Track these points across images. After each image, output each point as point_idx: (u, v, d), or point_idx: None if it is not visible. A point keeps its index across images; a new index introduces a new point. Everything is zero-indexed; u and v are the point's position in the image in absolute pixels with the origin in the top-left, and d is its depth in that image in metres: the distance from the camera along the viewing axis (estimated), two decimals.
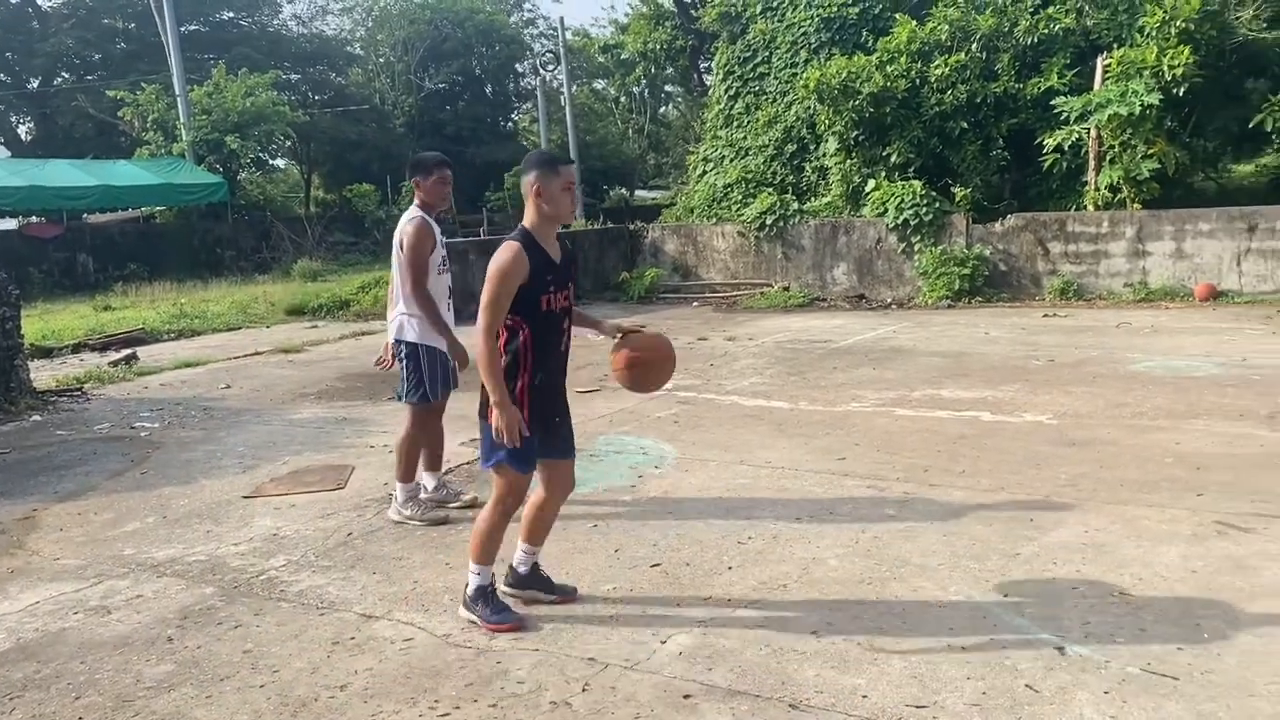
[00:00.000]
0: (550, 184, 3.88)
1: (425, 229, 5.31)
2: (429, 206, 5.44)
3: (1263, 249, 12.88)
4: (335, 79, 39.78)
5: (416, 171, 5.43)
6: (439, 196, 5.44)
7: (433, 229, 5.36)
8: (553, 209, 3.91)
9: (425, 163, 5.47)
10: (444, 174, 5.42)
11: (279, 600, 4.46)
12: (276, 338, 13.56)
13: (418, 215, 5.36)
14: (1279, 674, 3.37)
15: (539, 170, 3.90)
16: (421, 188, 5.41)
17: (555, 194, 3.90)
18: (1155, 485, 5.47)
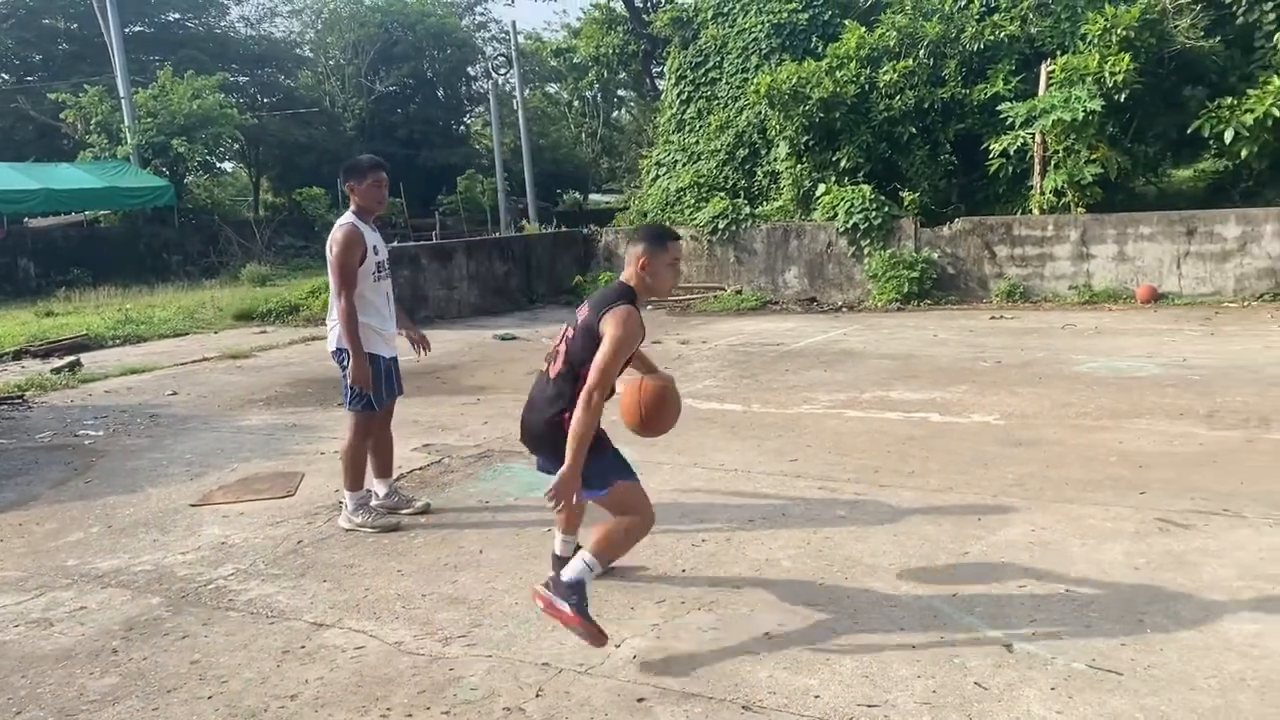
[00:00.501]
0: (657, 259, 3.94)
1: (355, 235, 5.22)
2: (365, 211, 5.35)
3: (1201, 252, 13.18)
4: (284, 81, 39.30)
5: (351, 176, 5.34)
6: (375, 200, 5.35)
7: (363, 235, 5.26)
8: (655, 283, 3.97)
9: (359, 166, 5.38)
10: (379, 177, 5.34)
11: (227, 610, 4.40)
12: (225, 343, 13.36)
13: (348, 222, 5.29)
14: (1219, 667, 3.45)
15: (648, 244, 3.94)
16: (356, 192, 5.32)
17: (660, 270, 3.95)
18: (1099, 484, 5.58)
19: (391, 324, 5.49)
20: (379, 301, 5.38)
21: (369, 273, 5.29)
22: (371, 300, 5.33)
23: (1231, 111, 13.05)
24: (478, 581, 4.56)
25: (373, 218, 5.41)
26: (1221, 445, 6.25)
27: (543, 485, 6.03)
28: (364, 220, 5.33)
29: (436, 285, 15.54)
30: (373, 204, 5.35)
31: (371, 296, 5.33)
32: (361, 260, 5.23)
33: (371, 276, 5.31)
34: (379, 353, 5.35)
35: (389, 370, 5.46)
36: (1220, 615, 3.85)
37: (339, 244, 5.20)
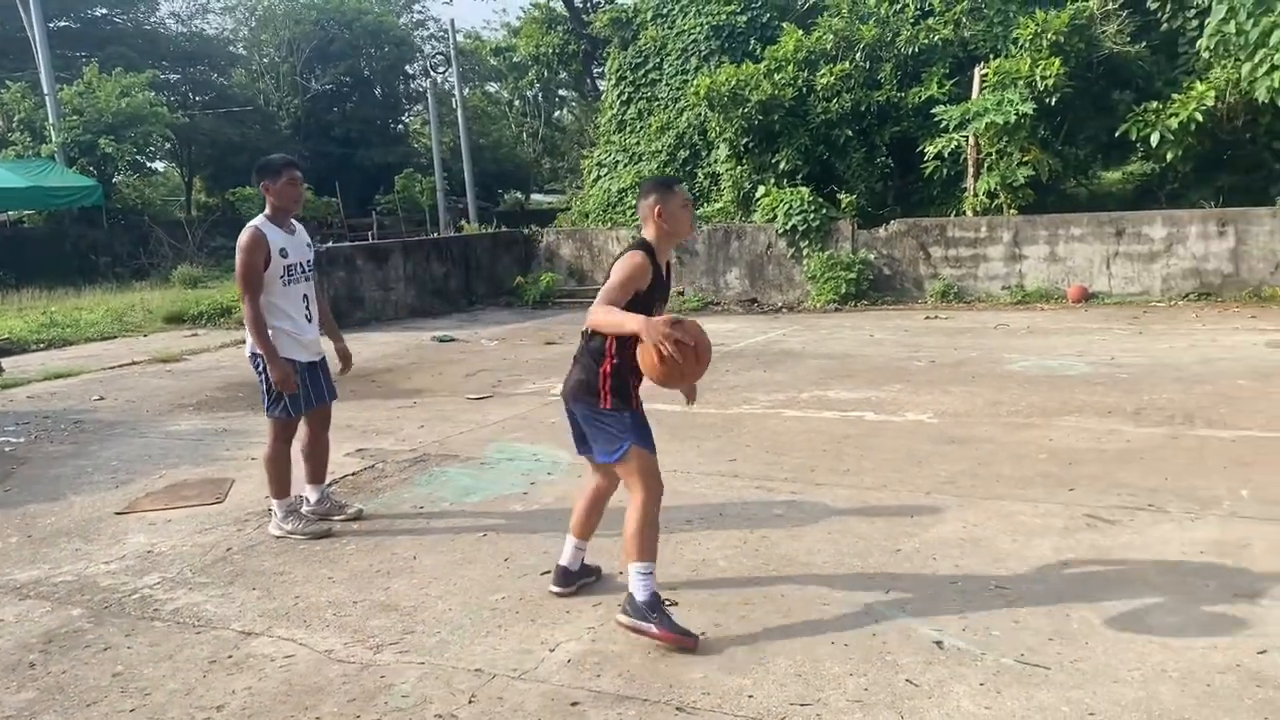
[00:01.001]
0: (670, 203, 3.99)
1: (257, 239, 5.04)
2: (282, 212, 5.20)
3: (1130, 252, 13.50)
4: (217, 79, 38.50)
5: (264, 175, 5.15)
6: (290, 199, 5.18)
7: (267, 239, 5.07)
8: (673, 227, 4.01)
9: (272, 165, 5.20)
10: (293, 175, 5.17)
11: (152, 620, 4.29)
12: (154, 346, 13.06)
13: (253, 225, 5.12)
14: (1142, 660, 3.52)
15: (658, 193, 4.01)
16: (271, 192, 5.14)
17: (675, 212, 4.00)
18: (1029, 481, 5.68)
19: (311, 329, 5.32)
20: (290, 306, 5.20)
21: (276, 277, 5.11)
22: (281, 305, 5.15)
23: (1157, 115, 13.39)
24: (411, 588, 4.50)
25: (289, 218, 5.26)
26: (1147, 442, 6.39)
27: (478, 489, 6.01)
28: (278, 222, 5.18)
29: (372, 286, 15.34)
30: (288, 203, 5.19)
31: (281, 301, 5.15)
32: (266, 264, 5.07)
33: (280, 281, 5.13)
34: (295, 357, 5.19)
35: (310, 375, 5.30)
36: (1144, 609, 3.94)
37: (241, 248, 5.05)
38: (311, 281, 5.40)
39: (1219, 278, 13.07)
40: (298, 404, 5.25)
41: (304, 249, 5.31)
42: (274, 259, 5.09)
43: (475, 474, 6.37)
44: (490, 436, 7.34)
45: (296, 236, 5.28)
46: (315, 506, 5.49)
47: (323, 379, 5.43)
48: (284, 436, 5.32)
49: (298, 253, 5.25)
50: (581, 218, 19.74)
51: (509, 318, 15.38)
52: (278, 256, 5.11)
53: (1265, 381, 7.97)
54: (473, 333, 13.62)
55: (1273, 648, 3.56)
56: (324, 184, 31.86)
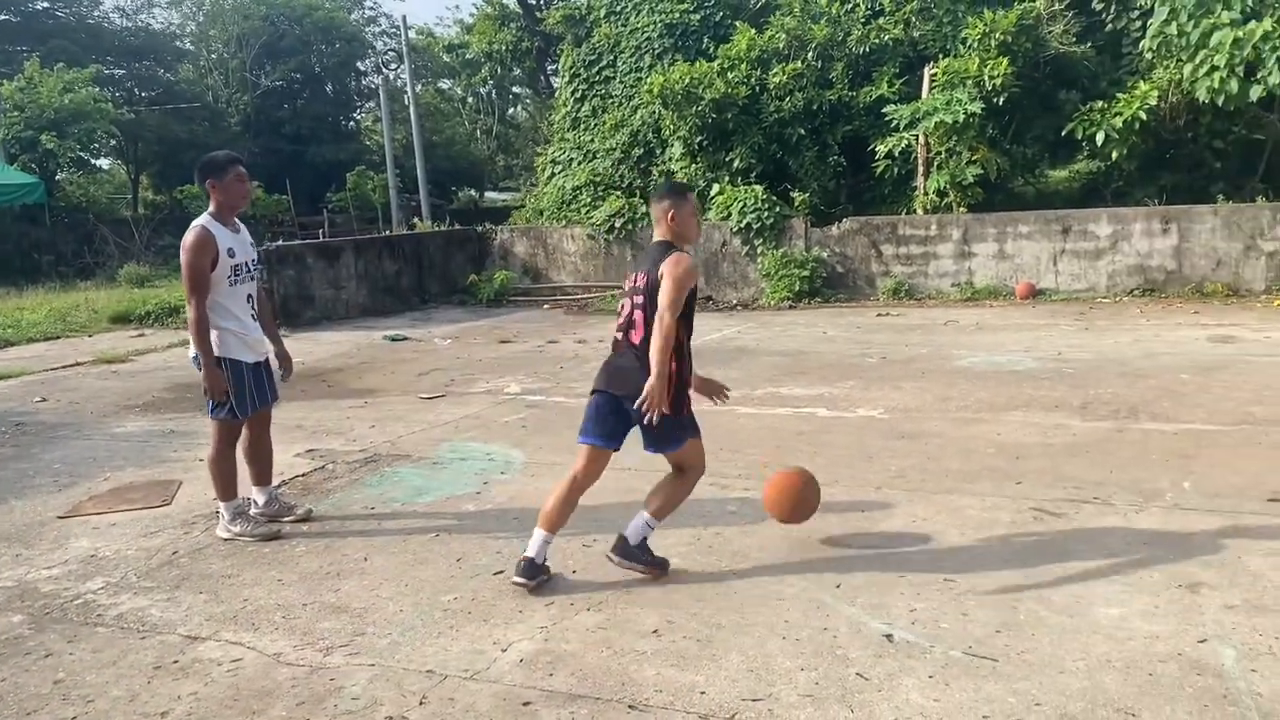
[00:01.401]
0: (682, 209, 4.33)
1: (204, 238, 4.92)
2: (229, 209, 5.08)
3: (1076, 250, 13.73)
4: (163, 75, 37.73)
5: (209, 173, 5.04)
6: (238, 196, 5.08)
7: (214, 238, 4.96)
8: (684, 230, 4.35)
9: (217, 163, 5.10)
10: (239, 171, 5.07)
11: (95, 625, 4.21)
12: (99, 347, 12.81)
13: (199, 224, 4.99)
14: (1087, 650, 3.59)
15: (672, 198, 4.35)
16: (217, 190, 5.02)
17: (686, 218, 4.34)
18: (978, 475, 5.75)
19: (256, 329, 5.22)
20: (236, 307, 5.08)
21: (223, 277, 5.00)
22: (227, 306, 5.04)
23: (1102, 115, 13.63)
24: (361, 589, 4.45)
25: (234, 215, 5.16)
26: (1093, 436, 6.50)
27: (430, 489, 5.96)
28: (222, 221, 5.07)
29: (324, 285, 15.17)
30: (236, 200, 5.09)
31: (227, 302, 5.04)
32: (214, 264, 4.95)
33: (226, 281, 5.02)
34: (241, 358, 5.09)
35: (255, 376, 5.20)
36: (1089, 600, 4.00)
37: (187, 248, 4.93)
38: (256, 281, 5.30)
39: (1163, 274, 13.34)
40: (244, 406, 5.16)
41: (249, 248, 5.22)
42: (221, 259, 4.98)
43: (427, 474, 6.32)
44: (443, 436, 7.29)
45: (242, 235, 5.19)
46: (264, 509, 5.42)
47: (266, 380, 5.33)
48: (228, 439, 5.21)
49: (244, 252, 5.15)
50: (536, 215, 19.66)
51: (462, 316, 15.28)
52: (225, 256, 5.00)
53: (1207, 376, 8.14)
54: (426, 331, 13.52)
55: (1213, 637, 3.64)
56: (274, 181, 31.42)
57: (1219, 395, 7.45)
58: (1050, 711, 3.19)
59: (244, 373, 5.11)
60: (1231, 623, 3.74)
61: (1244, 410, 6.97)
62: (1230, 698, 3.23)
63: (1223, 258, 13.08)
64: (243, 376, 5.11)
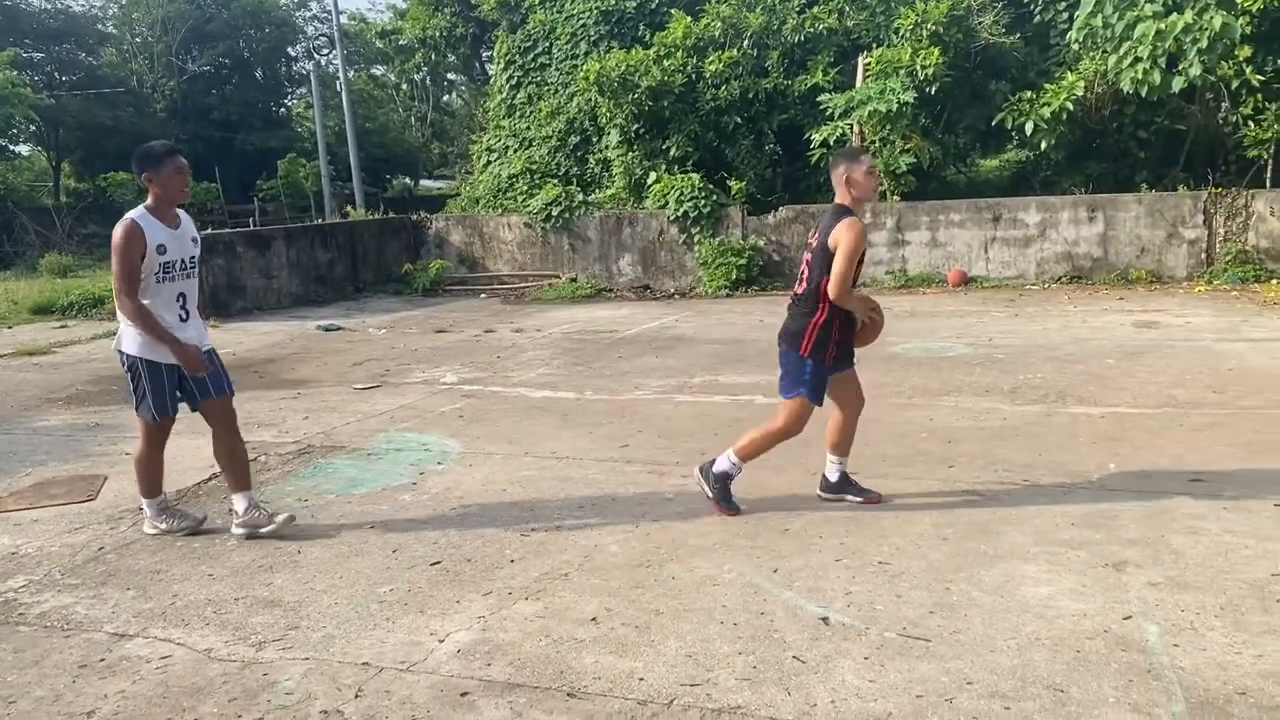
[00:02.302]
0: (856, 171, 4.74)
1: (131, 233, 4.67)
2: (167, 203, 4.82)
3: (1006, 238, 13.99)
4: (85, 59, 36.64)
5: (146, 165, 4.76)
6: (177, 189, 4.80)
7: (143, 233, 4.69)
8: (860, 192, 4.77)
9: (154, 154, 4.79)
10: (179, 163, 4.79)
11: (17, 624, 4.08)
12: (20, 339, 12.43)
13: (129, 218, 4.75)
14: (1017, 629, 3.66)
15: (846, 162, 4.78)
16: (155, 183, 4.75)
17: (861, 178, 4.75)
18: (911, 459, 5.84)
19: (187, 328, 4.92)
20: (163, 307, 4.81)
21: (150, 273, 4.74)
22: (152, 304, 4.78)
23: (1031, 105, 13.88)
24: (295, 582, 4.38)
25: (174, 209, 4.88)
26: (1023, 419, 6.64)
27: (365, 480, 5.89)
28: (160, 215, 4.80)
29: (254, 274, 14.88)
30: (174, 194, 4.81)
31: (153, 300, 4.78)
32: (141, 258, 4.70)
33: (154, 278, 4.76)
34: (157, 359, 4.83)
35: (176, 377, 4.92)
36: (1019, 580, 4.09)
37: (114, 243, 4.69)
38: (193, 279, 5.01)
39: (1089, 262, 13.65)
40: (163, 405, 4.92)
41: (187, 244, 4.94)
42: (149, 255, 4.72)
43: (362, 465, 6.24)
44: (378, 427, 7.20)
45: (181, 230, 4.90)
46: (245, 517, 5.00)
47: (209, 377, 5.00)
48: (154, 440, 5.02)
49: (179, 249, 4.86)
50: (472, 204, 19.49)
51: (397, 306, 15.11)
52: (154, 253, 4.74)
53: (1132, 360, 8.36)
54: (360, 321, 13.34)
55: (1137, 614, 3.73)
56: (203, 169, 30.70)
57: (1143, 379, 7.65)
58: (982, 690, 3.25)
59: (161, 374, 4.87)
60: (1155, 599, 3.85)
61: (1167, 394, 7.16)
62: (1154, 672, 3.32)
63: (1147, 245, 13.42)
64: (160, 377, 4.87)
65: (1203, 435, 6.08)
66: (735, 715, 3.17)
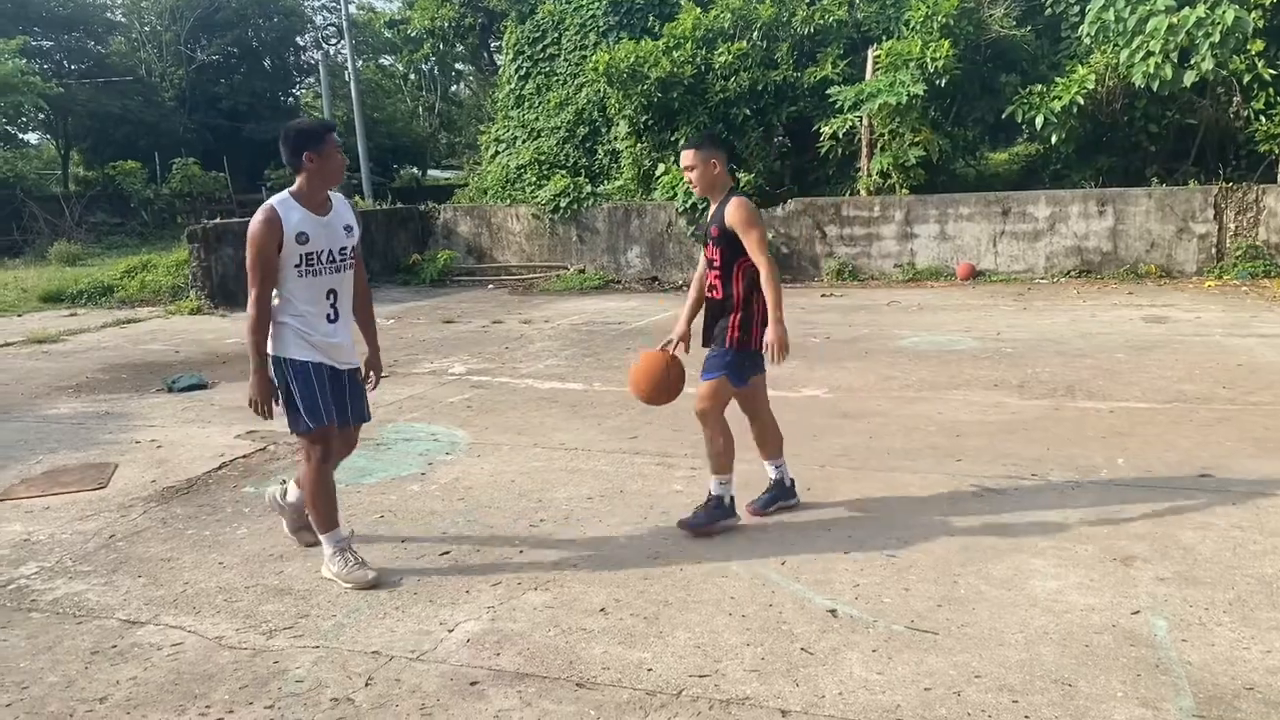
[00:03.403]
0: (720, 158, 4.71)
1: (271, 221, 4.07)
2: (320, 186, 4.21)
3: (1015, 231, 13.96)
4: (94, 48, 36.67)
5: (308, 142, 4.14)
6: (336, 170, 4.22)
7: (281, 222, 4.08)
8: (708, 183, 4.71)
9: (314, 131, 4.22)
10: (335, 140, 4.25)
11: (30, 611, 4.11)
12: (29, 327, 12.47)
13: (269, 204, 4.15)
14: (1025, 623, 3.66)
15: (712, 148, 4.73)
16: (317, 161, 4.14)
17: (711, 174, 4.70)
18: (919, 453, 5.84)
19: (337, 332, 4.28)
20: (306, 303, 4.19)
21: (290, 265, 4.13)
22: (293, 300, 4.17)
23: (1041, 98, 13.84)
24: (305, 571, 4.40)
25: (325, 193, 4.25)
26: (1031, 413, 6.63)
27: (374, 470, 5.90)
28: (309, 201, 4.17)
29: None
30: (333, 175, 4.21)
31: (295, 296, 4.17)
32: (279, 249, 4.10)
33: (295, 271, 4.14)
34: (304, 358, 4.19)
35: (335, 384, 4.28)
36: (1027, 574, 4.09)
37: (249, 232, 4.13)
38: (347, 272, 4.35)
39: (1099, 256, 13.62)
40: (317, 413, 4.20)
41: (338, 233, 4.28)
42: (287, 244, 4.10)
43: (371, 455, 6.26)
44: (387, 417, 7.21)
45: (330, 216, 4.25)
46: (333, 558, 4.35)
47: (349, 394, 4.38)
48: (319, 454, 4.29)
49: (326, 238, 4.22)
50: (480, 194, 19.49)
51: (405, 296, 15.12)
52: (292, 242, 4.11)
53: (1141, 355, 8.34)
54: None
55: (1145, 608, 3.74)
56: (211, 158, 30.77)
57: (1152, 374, 7.63)
58: (990, 683, 3.26)
59: (310, 373, 4.19)
60: (1164, 594, 3.85)
61: (1176, 389, 7.15)
62: (1162, 667, 3.32)
63: (1156, 240, 13.38)
64: (309, 377, 4.19)
65: (1212, 430, 6.07)
66: (744, 706, 3.18)
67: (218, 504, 5.39)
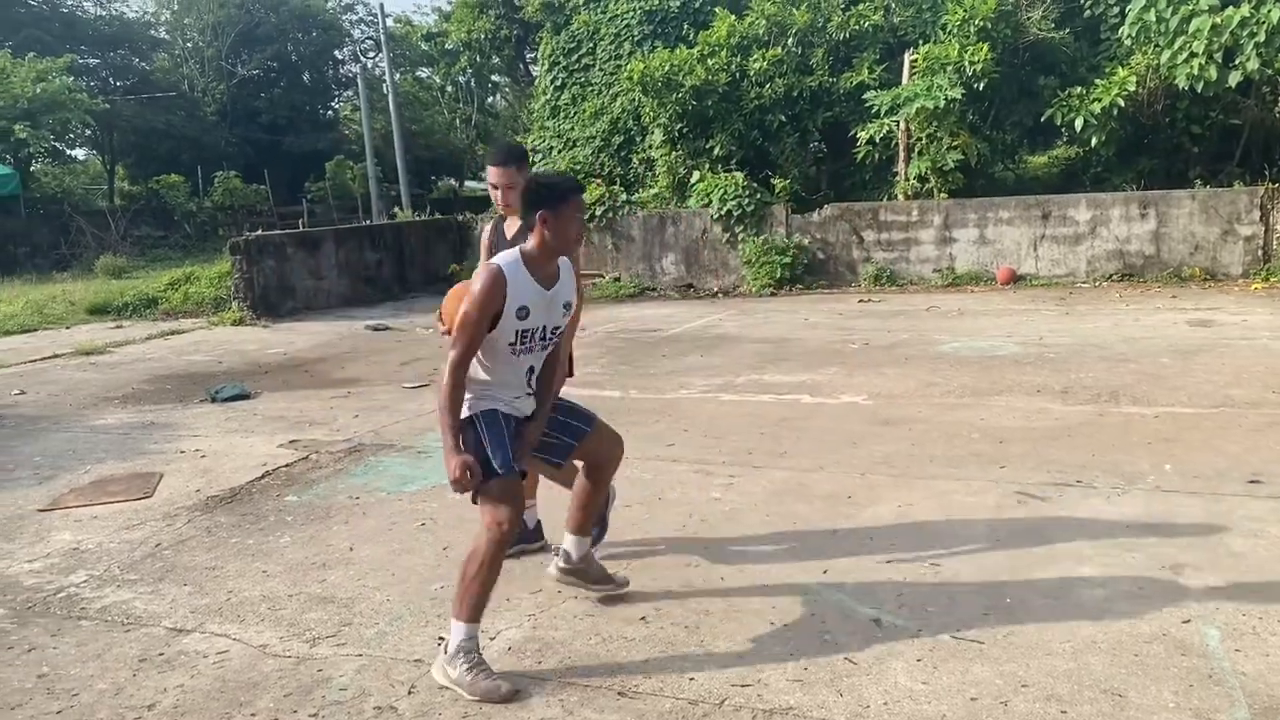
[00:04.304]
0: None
1: (497, 287, 3.51)
2: (554, 252, 3.62)
3: (1056, 235, 13.79)
4: (139, 64, 37.37)
5: (546, 201, 3.54)
6: (574, 237, 3.66)
7: (506, 287, 3.52)
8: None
9: (558, 189, 3.59)
10: (580, 202, 3.68)
11: (79, 619, 4.17)
12: (77, 339, 12.69)
13: (497, 265, 3.57)
14: (1072, 632, 3.61)
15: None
16: (550, 223, 3.53)
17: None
18: (962, 460, 5.78)
19: (525, 404, 3.82)
20: (508, 377, 3.72)
21: (503, 342, 3.61)
22: (497, 373, 3.71)
23: (1081, 101, 13.67)
24: (348, 579, 4.44)
25: (556, 260, 3.67)
26: (1075, 419, 6.54)
27: (415, 478, 5.93)
28: (535, 265, 3.59)
29: (304, 275, 15.07)
30: (567, 243, 3.64)
31: (498, 369, 3.70)
32: (496, 319, 3.55)
33: (507, 348, 3.63)
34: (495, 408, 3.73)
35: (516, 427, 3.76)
36: (1073, 582, 4.03)
37: (471, 293, 3.58)
38: (548, 350, 3.83)
39: (1141, 259, 13.42)
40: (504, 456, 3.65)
41: (557, 311, 3.72)
42: (506, 317, 3.56)
43: (412, 463, 6.30)
44: (427, 425, 7.25)
45: (555, 290, 3.69)
46: None
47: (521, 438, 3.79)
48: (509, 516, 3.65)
49: (544, 314, 3.66)
50: None
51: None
52: (512, 316, 3.56)
53: (1186, 359, 8.20)
54: (407, 321, 13.46)
55: (1196, 617, 3.67)
56: (252, 171, 31.19)
57: (1199, 378, 7.50)
58: (1037, 693, 3.21)
59: (499, 418, 3.71)
60: (1215, 603, 3.78)
61: (1223, 393, 7.02)
62: (1215, 677, 3.26)
63: (1200, 242, 13.16)
64: (498, 422, 3.71)
65: (1262, 435, 5.95)
66: (787, 716, 3.16)
67: (261, 513, 5.45)
